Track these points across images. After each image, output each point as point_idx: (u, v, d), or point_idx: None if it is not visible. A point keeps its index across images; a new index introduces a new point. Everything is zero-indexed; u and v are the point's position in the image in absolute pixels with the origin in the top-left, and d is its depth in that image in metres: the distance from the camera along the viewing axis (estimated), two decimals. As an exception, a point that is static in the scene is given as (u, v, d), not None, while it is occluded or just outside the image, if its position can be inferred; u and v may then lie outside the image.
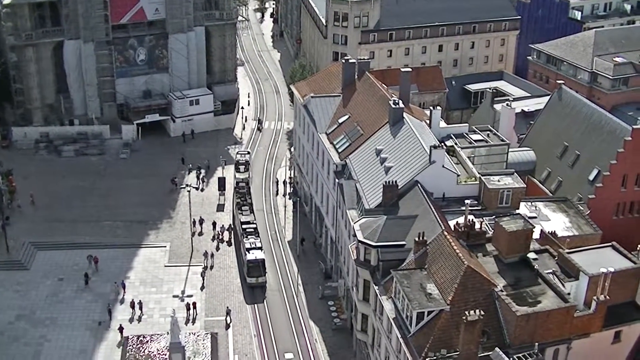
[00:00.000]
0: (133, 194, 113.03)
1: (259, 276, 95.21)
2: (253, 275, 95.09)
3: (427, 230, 68.04)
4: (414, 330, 61.61)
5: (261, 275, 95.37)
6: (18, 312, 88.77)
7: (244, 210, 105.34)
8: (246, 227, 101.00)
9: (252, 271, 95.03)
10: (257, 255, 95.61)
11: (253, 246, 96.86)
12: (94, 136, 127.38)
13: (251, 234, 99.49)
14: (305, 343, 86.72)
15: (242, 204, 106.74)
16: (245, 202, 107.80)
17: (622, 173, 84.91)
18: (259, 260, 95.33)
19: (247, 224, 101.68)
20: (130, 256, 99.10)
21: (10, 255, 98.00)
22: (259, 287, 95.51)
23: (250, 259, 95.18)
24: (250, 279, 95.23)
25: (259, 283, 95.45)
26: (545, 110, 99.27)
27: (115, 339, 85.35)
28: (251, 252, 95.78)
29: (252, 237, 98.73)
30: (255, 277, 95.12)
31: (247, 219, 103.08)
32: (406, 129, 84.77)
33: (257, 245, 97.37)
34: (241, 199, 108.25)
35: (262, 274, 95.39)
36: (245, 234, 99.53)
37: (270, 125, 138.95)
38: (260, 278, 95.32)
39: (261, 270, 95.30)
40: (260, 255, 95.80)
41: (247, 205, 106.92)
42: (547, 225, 76.50)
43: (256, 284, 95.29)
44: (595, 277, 62.21)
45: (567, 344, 61.69)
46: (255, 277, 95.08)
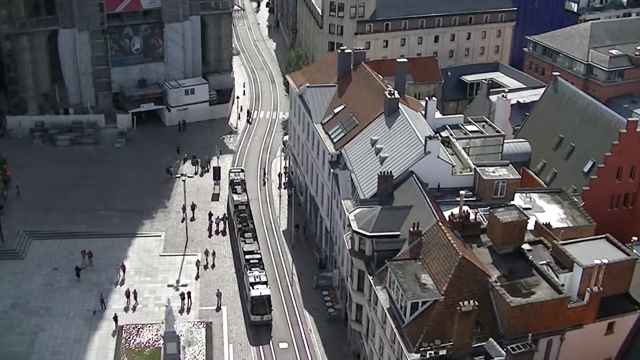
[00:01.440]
0: (128, 183, 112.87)
1: (264, 314, 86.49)
2: (258, 312, 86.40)
3: (421, 221, 68.12)
4: (408, 320, 61.72)
5: (266, 313, 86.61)
6: (12, 301, 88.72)
7: (246, 237, 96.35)
8: (250, 257, 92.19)
9: (257, 309, 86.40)
10: (262, 291, 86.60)
11: (257, 280, 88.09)
12: (89, 125, 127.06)
13: (255, 266, 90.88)
14: (300, 333, 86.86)
15: (245, 230, 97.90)
16: (248, 228, 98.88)
17: (616, 165, 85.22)
18: (264, 297, 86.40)
19: (250, 254, 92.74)
20: (125, 245, 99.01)
21: (4, 244, 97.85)
22: (264, 326, 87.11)
23: (255, 295, 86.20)
24: (254, 317, 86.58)
25: (264, 321, 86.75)
26: (540, 102, 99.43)
27: (110, 328, 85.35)
28: (255, 288, 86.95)
29: (257, 270, 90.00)
30: (260, 315, 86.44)
31: (250, 248, 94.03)
32: (401, 120, 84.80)
33: (262, 280, 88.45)
34: (243, 225, 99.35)
35: (267, 311, 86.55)
36: (248, 266, 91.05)
37: (265, 115, 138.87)
38: (265, 316, 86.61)
39: (266, 307, 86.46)
40: (265, 292, 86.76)
41: (249, 231, 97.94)
42: (541, 217, 76.66)
43: (261, 323, 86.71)
44: (589, 269, 62.42)
45: (561, 335, 61.89)
46: (260, 315, 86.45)
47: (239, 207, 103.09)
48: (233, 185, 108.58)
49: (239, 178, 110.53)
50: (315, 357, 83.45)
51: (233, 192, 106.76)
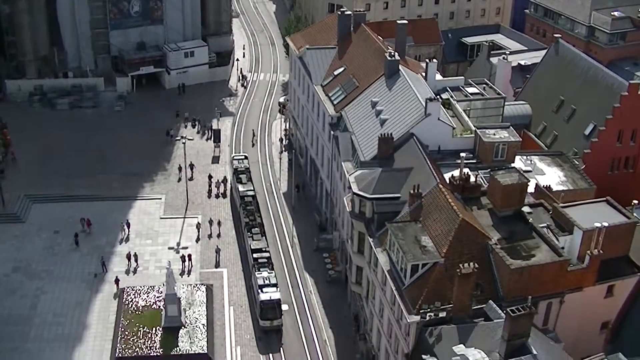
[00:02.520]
0: (128, 146, 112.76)
1: (274, 319, 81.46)
2: (267, 317, 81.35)
3: (422, 183, 68.08)
4: (408, 282, 61.88)
5: (276, 318, 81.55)
6: (14, 264, 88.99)
7: (254, 233, 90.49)
8: (258, 256, 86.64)
9: (266, 313, 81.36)
10: (271, 295, 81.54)
11: (267, 282, 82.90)
12: (88, 89, 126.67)
13: (264, 266, 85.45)
14: (300, 294, 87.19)
15: (252, 225, 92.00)
16: (255, 222, 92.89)
17: (617, 128, 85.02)
18: (274, 301, 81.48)
19: (258, 252, 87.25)
20: (125, 208, 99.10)
21: (5, 208, 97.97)
22: (274, 332, 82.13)
23: (264, 299, 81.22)
24: (263, 322, 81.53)
25: (274, 327, 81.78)
26: (541, 64, 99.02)
27: (111, 290, 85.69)
28: (264, 291, 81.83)
29: (266, 271, 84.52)
30: (270, 320, 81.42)
31: (258, 246, 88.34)
32: (402, 82, 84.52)
33: (272, 282, 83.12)
34: (250, 219, 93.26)
35: (277, 315, 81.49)
36: (256, 266, 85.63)
37: (265, 77, 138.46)
38: (275, 321, 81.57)
39: (276, 311, 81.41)
40: (275, 295, 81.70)
41: (257, 226, 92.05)
42: (542, 179, 76.60)
43: (270, 328, 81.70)
44: (589, 232, 62.52)
45: (560, 297, 62.11)
46: (269, 319, 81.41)
47: (245, 198, 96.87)
48: (237, 174, 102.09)
49: (243, 166, 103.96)
50: (316, 319, 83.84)
51: (238, 182, 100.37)
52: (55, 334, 79.87)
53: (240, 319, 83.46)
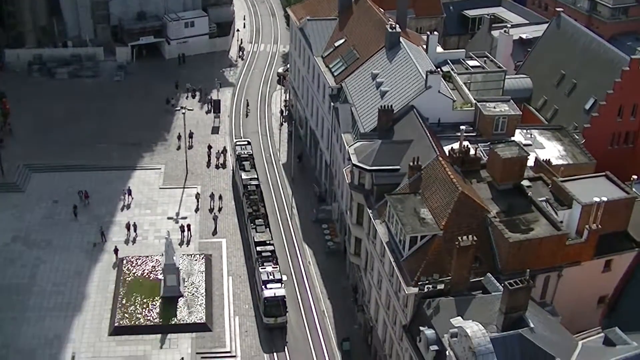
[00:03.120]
0: (127, 116, 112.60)
1: (278, 316, 78.65)
2: (271, 314, 78.48)
3: (421, 155, 68.07)
4: (407, 254, 62.03)
5: (281, 315, 78.70)
6: (13, 234, 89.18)
7: (257, 225, 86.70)
8: (261, 249, 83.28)
9: (271, 310, 78.43)
10: (276, 291, 78.48)
11: (271, 278, 79.51)
12: (88, 58, 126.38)
13: (268, 260, 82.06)
14: (299, 265, 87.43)
15: (255, 216, 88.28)
16: (259, 213, 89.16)
17: (618, 103, 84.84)
18: (279, 298, 78.52)
19: (262, 245, 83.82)
20: (124, 178, 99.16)
21: (5, 177, 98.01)
22: (278, 329, 79.50)
23: (268, 296, 78.17)
24: (267, 319, 78.69)
25: (278, 324, 79.07)
26: (543, 38, 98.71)
27: (110, 260, 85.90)
28: (269, 287, 78.75)
29: (270, 266, 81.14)
30: (274, 318, 78.62)
31: (262, 238, 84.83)
32: (403, 54, 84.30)
33: (277, 277, 79.79)
34: (253, 209, 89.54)
35: (282, 312, 78.62)
36: (260, 260, 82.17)
37: (265, 48, 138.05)
38: (280, 318, 78.74)
39: (281, 309, 78.52)
40: (280, 292, 78.60)
41: (261, 217, 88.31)
42: (541, 153, 76.60)
43: (275, 325, 79.05)
44: (588, 206, 62.59)
45: (558, 271, 62.27)
46: (274, 317, 78.62)
47: (248, 187, 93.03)
48: (240, 160, 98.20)
49: (246, 152, 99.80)
50: (314, 290, 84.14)
51: (240, 169, 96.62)
52: (55, 303, 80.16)
53: (239, 289, 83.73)
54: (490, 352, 48.32)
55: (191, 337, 77.16)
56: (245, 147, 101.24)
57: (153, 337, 76.93)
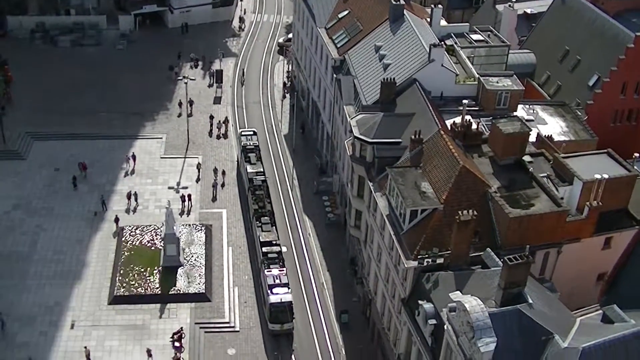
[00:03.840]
0: (130, 85, 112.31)
1: (285, 322, 75.08)
2: (277, 321, 74.86)
3: (423, 129, 67.94)
4: (407, 228, 62.05)
5: (288, 321, 75.13)
6: (15, 201, 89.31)
7: (263, 223, 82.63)
8: (267, 250, 79.22)
9: (276, 317, 74.77)
10: (283, 296, 74.72)
11: (277, 282, 75.74)
12: (91, 26, 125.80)
13: (274, 262, 78.05)
14: (299, 237, 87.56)
15: (261, 214, 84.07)
16: (265, 210, 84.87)
17: (622, 80, 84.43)
18: (286, 304, 74.71)
19: (268, 246, 79.73)
20: (126, 147, 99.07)
21: (6, 145, 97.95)
22: (284, 335, 76.03)
23: (275, 301, 74.43)
24: (273, 325, 75.08)
25: (285, 330, 75.53)
26: (547, 13, 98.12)
27: (111, 229, 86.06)
28: (275, 292, 75.02)
29: (276, 268, 77.19)
30: (280, 324, 75.02)
31: (268, 238, 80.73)
32: (406, 27, 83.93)
33: (283, 281, 75.95)
34: (259, 205, 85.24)
35: (289, 319, 75.04)
36: (266, 262, 78.19)
37: (269, 19, 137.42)
38: (286, 325, 75.17)
39: (288, 315, 74.88)
40: (286, 297, 74.79)
41: (267, 215, 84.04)
42: (543, 129, 76.44)
43: (280, 332, 75.47)
44: (589, 183, 62.55)
45: (558, 247, 62.34)
46: (280, 323, 74.98)
47: (253, 181, 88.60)
48: (246, 152, 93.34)
49: (252, 143, 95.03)
50: (314, 261, 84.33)
51: (246, 161, 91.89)
52: (55, 271, 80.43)
53: (239, 260, 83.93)
54: (488, 327, 48.48)
55: (190, 307, 77.46)
56: (251, 137, 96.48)
57: (152, 306, 77.22)
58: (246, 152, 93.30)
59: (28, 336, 73.26)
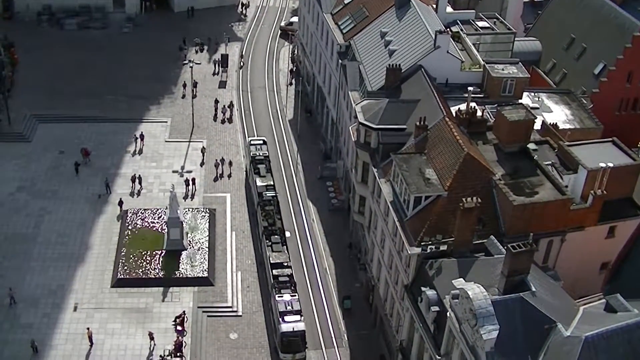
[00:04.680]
0: (135, 68, 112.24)
1: (296, 352, 69.96)
2: (289, 351, 69.76)
3: (428, 115, 67.89)
4: (411, 214, 62.07)
5: (300, 351, 70.05)
6: (19, 183, 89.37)
7: (274, 242, 77.14)
8: (278, 273, 73.85)
9: (288, 346, 69.62)
10: (295, 325, 69.59)
11: (289, 309, 70.51)
12: (97, 9, 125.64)
13: (286, 286, 72.73)
14: (303, 222, 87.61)
15: (271, 232, 78.72)
16: (275, 227, 79.44)
17: (628, 69, 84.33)
18: (298, 333, 69.67)
19: (279, 268, 74.40)
20: (131, 131, 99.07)
21: (12, 127, 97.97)
22: None
23: (286, 331, 69.37)
24: (284, 355, 70.03)
25: None
26: (554, 1, 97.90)
27: (115, 212, 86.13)
28: (287, 320, 69.75)
29: (288, 293, 71.82)
30: (292, 354, 69.99)
31: (278, 259, 75.39)
32: (412, 13, 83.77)
33: (295, 307, 70.72)
34: (269, 222, 79.95)
35: (301, 348, 69.94)
36: (277, 286, 72.82)
37: (275, 4, 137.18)
38: (298, 355, 70.16)
39: (300, 344, 69.79)
40: (299, 325, 69.69)
41: (277, 233, 78.65)
42: (549, 117, 76.36)
43: None
44: (593, 172, 62.37)
45: (562, 236, 62.21)
46: (292, 353, 69.94)
47: (263, 196, 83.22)
48: (255, 163, 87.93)
49: (261, 154, 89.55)
50: (317, 247, 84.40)
51: (255, 174, 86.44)
52: (59, 253, 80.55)
53: (242, 245, 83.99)
54: (491, 315, 48.51)
55: (193, 291, 77.53)
56: (260, 147, 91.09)
57: (155, 289, 77.33)
58: (255, 163, 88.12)
59: (31, 318, 73.40)
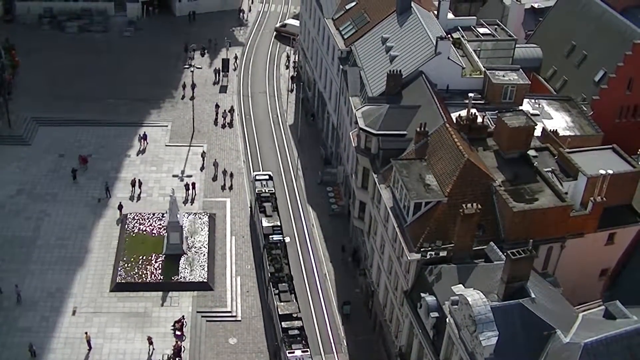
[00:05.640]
0: (136, 72, 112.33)
1: None
2: None
3: (429, 121, 67.92)
4: (411, 220, 62.06)
5: None
6: (19, 186, 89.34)
7: (282, 291, 70.94)
8: (288, 325, 67.58)
9: None
10: None
11: None
12: (98, 13, 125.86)
13: (297, 341, 66.31)
14: (302, 227, 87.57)
15: (279, 279, 72.44)
16: (282, 274, 72.98)
17: (628, 76, 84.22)
18: None
19: (288, 320, 68.17)
20: (131, 134, 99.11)
21: (12, 130, 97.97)
22: None
23: None
24: None
25: None
26: (555, 8, 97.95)
27: (114, 216, 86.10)
28: None
29: (299, 349, 65.30)
30: None
31: (287, 309, 69.21)
32: (413, 19, 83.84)
33: None
34: (276, 268, 73.77)
35: None
36: (287, 341, 66.54)
37: (276, 9, 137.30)
38: None
39: None
40: None
41: (285, 280, 72.18)
42: (549, 124, 76.35)
43: None
44: (593, 178, 62.44)
45: (561, 242, 62.27)
46: None
47: (269, 239, 77.07)
48: (260, 201, 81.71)
49: (267, 190, 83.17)
50: (317, 252, 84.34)
51: (261, 212, 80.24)
52: (58, 257, 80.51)
53: (242, 249, 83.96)
54: (490, 321, 48.50)
55: (192, 296, 77.48)
56: (266, 182, 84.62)
57: (154, 294, 77.28)
58: (261, 200, 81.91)
59: (30, 321, 73.33)
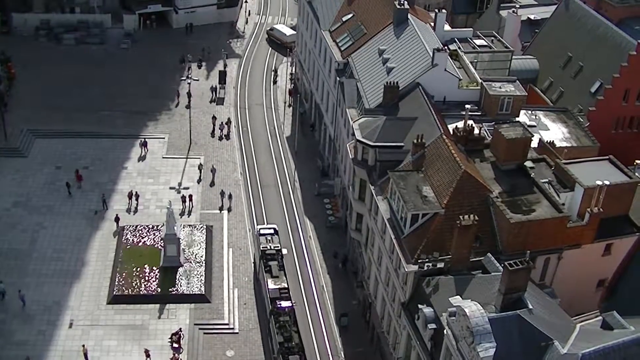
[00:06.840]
0: (133, 84, 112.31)
1: None
2: None
3: (426, 133, 67.90)
4: (408, 231, 62.02)
5: None
6: (15, 198, 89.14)
7: None
8: None
9: None
10: None
11: None
12: (95, 25, 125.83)
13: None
14: (300, 239, 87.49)
15: (288, 350, 66.79)
16: (292, 344, 67.26)
17: (624, 87, 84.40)
18: None
19: None
20: (128, 146, 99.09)
21: (8, 142, 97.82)
22: None
23: None
24: None
25: None
26: (551, 20, 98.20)
27: (111, 228, 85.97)
28: None
29: None
30: None
31: None
32: (410, 31, 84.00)
33: None
34: (285, 337, 67.90)
35: None
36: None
37: (273, 20, 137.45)
38: None
39: None
40: None
41: (295, 351, 66.85)
42: (545, 135, 76.49)
43: None
44: (590, 189, 62.53)
45: (559, 253, 62.28)
46: None
47: (277, 303, 70.70)
48: (266, 259, 75.62)
49: (272, 247, 76.74)
50: (314, 264, 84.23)
51: (266, 272, 73.94)
52: (54, 269, 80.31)
53: (239, 262, 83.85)
54: (488, 332, 48.42)
55: (189, 308, 77.32)
56: (271, 237, 78.49)
57: (151, 306, 77.08)
58: (266, 259, 75.80)
59: (26, 334, 73.10)
